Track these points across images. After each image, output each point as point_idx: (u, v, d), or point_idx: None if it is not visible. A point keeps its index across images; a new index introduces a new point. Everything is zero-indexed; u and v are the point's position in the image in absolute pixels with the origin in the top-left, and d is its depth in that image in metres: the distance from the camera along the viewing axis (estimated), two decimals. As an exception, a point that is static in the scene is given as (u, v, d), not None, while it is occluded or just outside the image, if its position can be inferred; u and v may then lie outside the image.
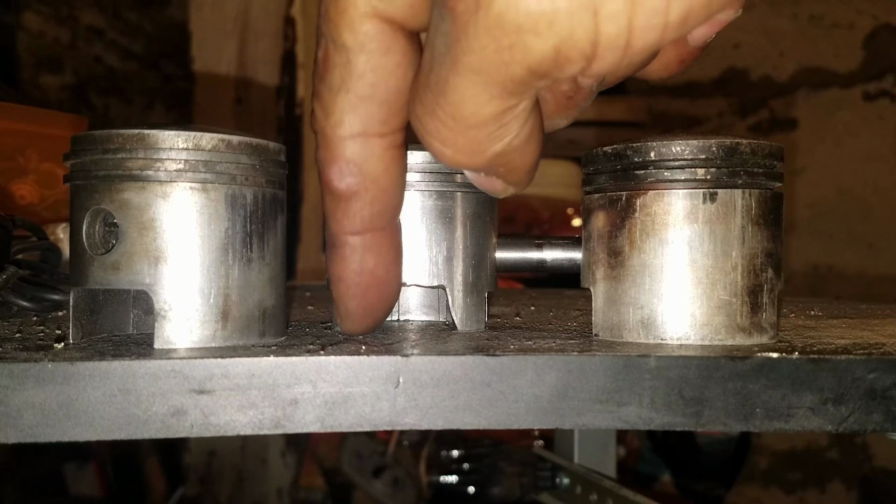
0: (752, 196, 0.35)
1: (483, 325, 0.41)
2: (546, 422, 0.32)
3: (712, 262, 0.35)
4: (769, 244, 0.36)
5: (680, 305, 0.35)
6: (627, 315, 0.36)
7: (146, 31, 1.92)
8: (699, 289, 0.35)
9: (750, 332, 0.35)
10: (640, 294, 0.36)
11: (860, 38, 1.96)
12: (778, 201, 0.36)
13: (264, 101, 1.74)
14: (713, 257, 0.35)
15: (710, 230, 0.35)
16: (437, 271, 0.40)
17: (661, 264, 0.35)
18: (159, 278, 0.33)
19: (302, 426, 0.31)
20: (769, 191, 0.36)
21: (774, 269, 0.36)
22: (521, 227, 1.95)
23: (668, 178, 0.35)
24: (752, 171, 0.35)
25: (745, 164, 0.35)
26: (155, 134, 0.33)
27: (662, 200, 0.35)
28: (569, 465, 0.93)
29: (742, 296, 0.35)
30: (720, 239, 0.35)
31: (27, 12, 1.76)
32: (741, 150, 0.35)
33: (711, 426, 0.32)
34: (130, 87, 1.91)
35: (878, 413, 0.32)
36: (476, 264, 0.41)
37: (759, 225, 0.35)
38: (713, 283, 0.35)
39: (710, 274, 0.35)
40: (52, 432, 0.29)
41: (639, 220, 0.36)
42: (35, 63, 1.78)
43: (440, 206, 0.40)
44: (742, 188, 0.35)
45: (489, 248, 0.42)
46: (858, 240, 2.00)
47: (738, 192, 0.35)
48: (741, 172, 0.35)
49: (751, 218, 0.35)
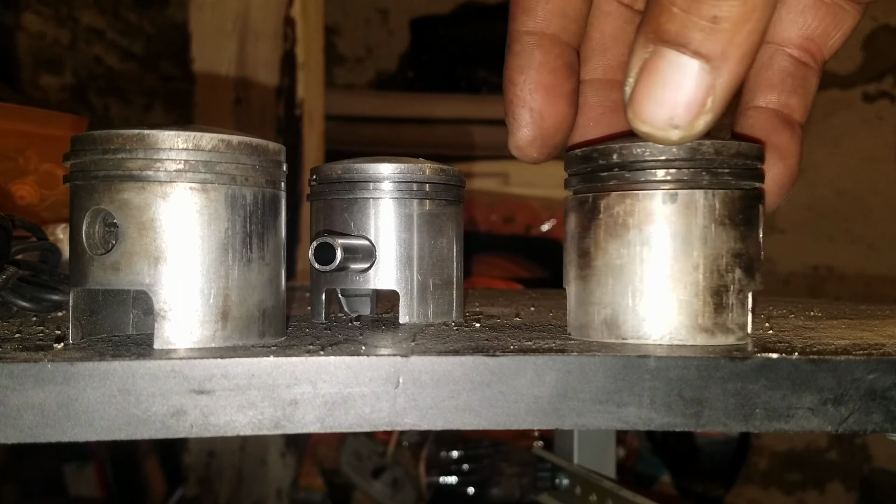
0: (715, 196, 0.35)
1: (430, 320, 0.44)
2: (546, 422, 0.32)
3: (672, 262, 0.35)
4: (737, 244, 0.35)
5: (641, 306, 0.36)
6: (593, 315, 0.37)
7: (146, 31, 1.92)
8: (659, 289, 0.35)
9: (713, 333, 0.35)
10: (605, 294, 0.36)
11: (859, 40, 1.96)
12: (751, 201, 0.36)
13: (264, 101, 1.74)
14: (673, 258, 0.35)
15: (670, 231, 0.35)
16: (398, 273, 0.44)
17: (623, 265, 0.36)
18: (159, 278, 0.33)
19: (302, 426, 0.31)
20: (739, 190, 0.35)
21: (745, 270, 0.35)
22: (522, 228, 1.95)
23: (630, 180, 0.36)
24: (716, 171, 0.35)
25: (708, 164, 0.35)
26: (155, 134, 0.33)
27: (625, 202, 0.36)
28: (568, 466, 0.93)
29: (704, 296, 0.35)
30: (681, 239, 0.35)
31: (27, 13, 1.76)
32: (703, 150, 0.35)
33: (711, 427, 0.32)
34: (130, 87, 1.91)
35: (878, 413, 0.32)
36: (433, 265, 0.44)
37: (724, 225, 0.35)
38: (673, 283, 0.35)
39: (670, 274, 0.35)
40: (51, 432, 0.29)
41: (603, 222, 0.36)
42: (35, 63, 1.78)
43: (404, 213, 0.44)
44: (704, 188, 0.35)
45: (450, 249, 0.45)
46: (858, 240, 2.00)
47: (700, 192, 0.35)
48: (703, 173, 0.35)
49: (714, 218, 0.35)
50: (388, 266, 0.44)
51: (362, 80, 2.42)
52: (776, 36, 0.40)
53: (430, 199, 0.44)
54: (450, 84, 2.21)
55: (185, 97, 1.81)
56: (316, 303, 0.46)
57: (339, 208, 0.44)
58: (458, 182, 0.46)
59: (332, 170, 0.45)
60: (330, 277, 0.44)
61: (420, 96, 2.19)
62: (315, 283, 0.46)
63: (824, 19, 0.39)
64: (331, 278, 0.44)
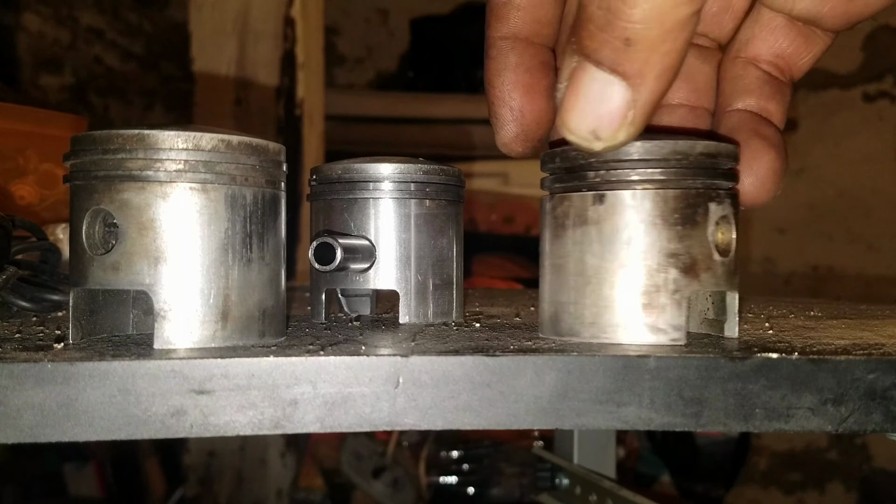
0: (645, 196, 0.35)
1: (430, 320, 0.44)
2: (546, 422, 0.32)
3: (600, 262, 0.36)
4: (672, 244, 0.35)
5: (574, 304, 0.37)
6: (543, 312, 0.38)
7: (146, 31, 1.92)
8: (588, 288, 0.36)
9: (641, 333, 0.35)
10: (549, 293, 0.38)
11: (860, 39, 1.96)
12: (689, 200, 0.35)
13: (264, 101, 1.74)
14: (601, 258, 0.36)
15: (598, 231, 0.36)
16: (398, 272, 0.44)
17: (562, 264, 0.37)
18: (159, 278, 0.33)
19: (302, 426, 0.31)
20: (673, 190, 0.35)
21: (681, 270, 0.35)
22: (522, 228, 1.95)
23: (567, 182, 0.37)
24: (644, 172, 0.35)
25: (634, 166, 0.35)
26: (155, 134, 0.33)
27: (563, 203, 0.37)
28: (568, 466, 0.93)
29: (631, 295, 0.35)
30: (607, 240, 0.36)
31: (27, 13, 1.75)
32: (631, 152, 0.35)
33: (711, 426, 0.32)
34: (130, 87, 1.91)
35: (878, 413, 0.32)
36: (433, 265, 0.44)
37: (655, 225, 0.35)
38: (600, 282, 0.36)
39: (598, 274, 0.36)
40: (51, 432, 0.29)
41: (549, 223, 0.38)
42: (35, 63, 1.77)
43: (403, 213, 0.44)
44: (632, 189, 0.35)
45: (450, 249, 0.45)
46: (858, 240, 2.00)
47: (628, 192, 0.35)
48: (630, 174, 0.35)
49: (643, 218, 0.35)
50: (388, 266, 0.44)
51: (362, 80, 2.42)
52: (748, 52, 0.41)
53: (430, 199, 0.44)
54: (450, 84, 2.21)
55: (185, 97, 1.81)
56: (316, 303, 0.46)
57: (339, 208, 0.44)
58: (457, 182, 0.46)
59: (332, 170, 0.45)
60: (330, 277, 0.44)
61: (420, 96, 2.19)
62: (315, 283, 0.46)
63: (795, 40, 0.39)
64: (331, 278, 0.44)
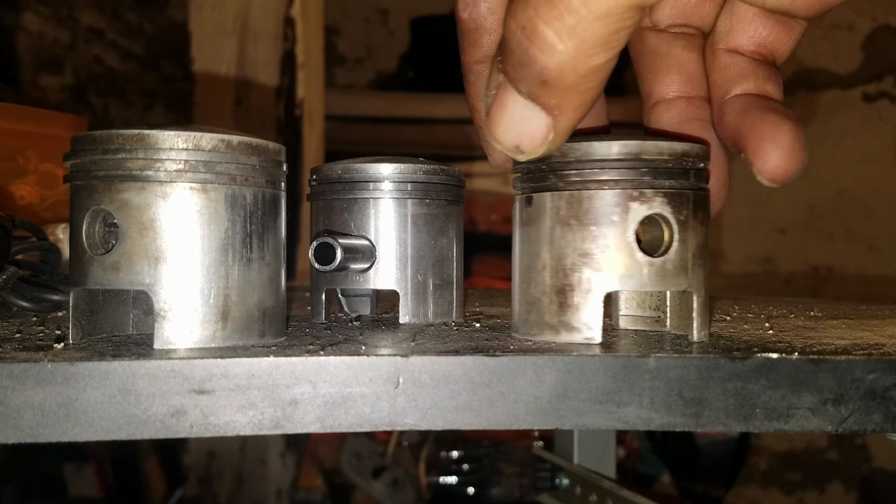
0: (560, 198, 0.36)
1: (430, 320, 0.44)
2: (546, 422, 0.32)
3: (528, 261, 0.37)
4: (585, 244, 0.35)
5: (517, 303, 0.38)
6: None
7: (146, 31, 1.92)
8: (520, 287, 0.38)
9: (557, 331, 0.36)
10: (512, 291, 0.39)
11: (859, 39, 1.96)
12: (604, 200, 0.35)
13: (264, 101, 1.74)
14: (529, 257, 0.37)
15: (527, 232, 0.37)
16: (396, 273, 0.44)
17: (513, 265, 0.39)
18: (159, 278, 0.33)
19: (302, 426, 0.31)
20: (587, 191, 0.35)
21: (595, 269, 0.35)
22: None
23: (515, 185, 0.38)
24: (562, 174, 0.35)
25: (553, 168, 0.36)
26: (155, 134, 0.33)
27: (513, 205, 0.39)
28: (568, 466, 0.93)
29: (550, 294, 0.36)
30: (533, 240, 0.37)
31: (27, 13, 1.75)
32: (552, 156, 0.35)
33: (711, 426, 0.32)
34: (130, 87, 1.91)
35: (878, 413, 0.32)
36: (433, 265, 0.44)
37: (569, 226, 0.35)
38: (528, 281, 0.37)
39: (527, 273, 0.37)
40: (51, 432, 0.29)
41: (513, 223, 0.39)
42: (35, 63, 1.77)
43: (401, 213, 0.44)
44: (550, 191, 0.36)
45: (450, 249, 0.46)
46: (858, 240, 2.00)
47: (548, 195, 0.36)
48: (550, 176, 0.36)
49: (559, 219, 0.36)
50: (388, 266, 0.44)
51: (362, 80, 2.42)
52: (729, 43, 0.40)
53: (430, 199, 0.44)
54: (450, 84, 2.20)
55: (185, 97, 1.81)
56: (316, 303, 0.46)
57: (339, 208, 0.44)
58: (457, 182, 0.46)
59: (332, 170, 0.45)
60: (330, 277, 0.44)
61: (420, 96, 2.19)
62: (315, 283, 0.46)
63: (774, 28, 0.39)
64: (331, 278, 0.44)
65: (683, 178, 0.36)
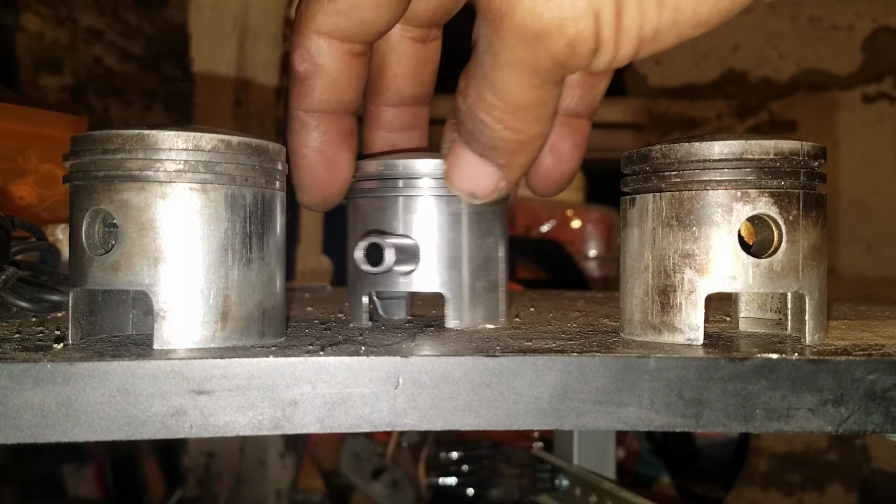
0: (662, 199, 0.36)
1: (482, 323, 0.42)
2: (545, 423, 0.32)
3: (634, 262, 0.38)
4: (686, 245, 0.35)
5: (623, 302, 0.39)
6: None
7: (145, 32, 1.92)
8: (626, 287, 0.38)
9: (660, 331, 0.36)
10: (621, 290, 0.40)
11: (859, 40, 1.96)
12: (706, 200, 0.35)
13: (263, 102, 1.74)
14: (634, 258, 0.38)
15: (632, 233, 0.38)
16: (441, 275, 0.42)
17: (620, 265, 0.39)
18: (159, 279, 0.33)
19: (301, 427, 0.31)
20: (688, 192, 0.35)
21: (697, 271, 0.35)
22: (521, 230, 1.95)
23: (621, 187, 0.39)
24: (663, 175, 0.36)
25: (656, 169, 0.36)
26: (154, 134, 0.33)
27: (621, 208, 0.39)
28: (568, 467, 0.93)
29: (653, 295, 0.36)
30: (637, 241, 0.37)
31: (26, 13, 1.75)
32: (653, 155, 0.36)
33: (711, 427, 0.32)
34: (129, 88, 1.91)
35: (878, 414, 0.32)
36: (480, 266, 0.42)
37: (670, 227, 0.36)
38: (633, 281, 0.38)
39: (632, 273, 0.38)
40: (51, 433, 0.29)
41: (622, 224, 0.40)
42: (34, 64, 1.77)
43: (449, 211, 0.41)
44: (653, 192, 0.36)
45: (496, 249, 0.43)
46: (858, 241, 2.00)
47: (650, 196, 0.37)
48: (652, 177, 0.36)
49: (661, 220, 0.36)
50: (432, 268, 0.41)
51: (362, 81, 2.41)
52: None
53: None
54: (450, 84, 2.20)
55: (185, 98, 1.81)
56: (356, 306, 0.43)
57: (378, 206, 0.42)
58: None
59: (372, 166, 0.42)
60: (371, 280, 0.41)
61: (419, 97, 2.19)
62: (353, 285, 0.43)
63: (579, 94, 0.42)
64: (372, 280, 0.41)
65: (792, 178, 0.35)
